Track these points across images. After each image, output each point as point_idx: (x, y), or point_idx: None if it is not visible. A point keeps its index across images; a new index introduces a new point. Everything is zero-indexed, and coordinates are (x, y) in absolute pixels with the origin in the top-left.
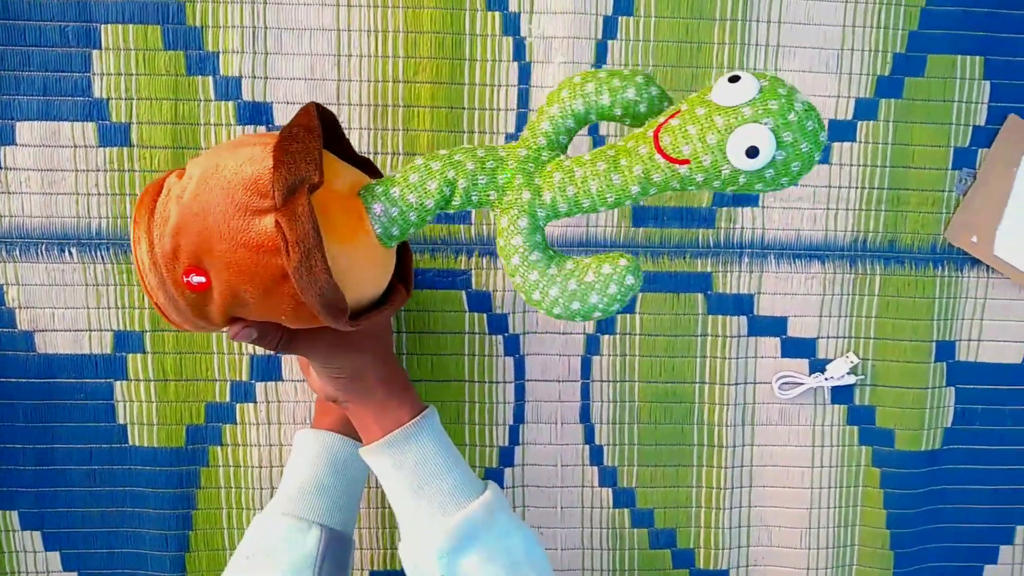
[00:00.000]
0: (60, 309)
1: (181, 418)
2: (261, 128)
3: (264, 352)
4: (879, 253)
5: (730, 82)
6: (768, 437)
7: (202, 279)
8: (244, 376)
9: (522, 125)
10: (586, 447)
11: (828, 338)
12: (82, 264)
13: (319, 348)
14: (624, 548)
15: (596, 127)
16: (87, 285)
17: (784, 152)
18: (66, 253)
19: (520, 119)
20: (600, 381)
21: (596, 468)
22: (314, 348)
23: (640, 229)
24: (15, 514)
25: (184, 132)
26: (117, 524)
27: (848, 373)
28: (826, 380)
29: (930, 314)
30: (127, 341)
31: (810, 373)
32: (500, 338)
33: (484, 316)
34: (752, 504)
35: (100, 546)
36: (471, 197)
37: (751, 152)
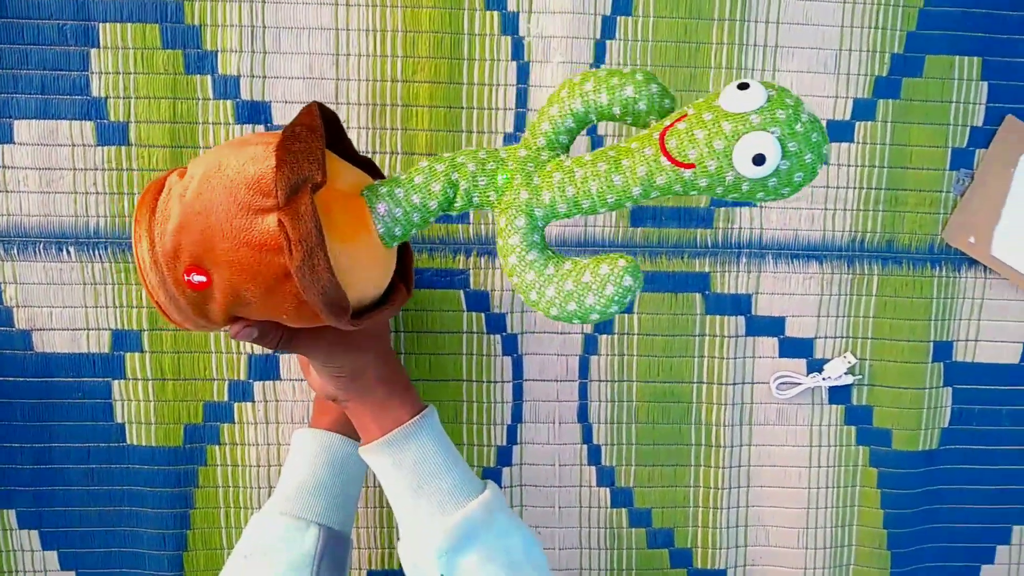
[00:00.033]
0: (58, 308)
1: (179, 417)
2: (259, 127)
3: (262, 351)
4: (877, 253)
5: (739, 89)
6: (766, 437)
7: (203, 278)
8: (242, 375)
9: (521, 124)
10: (584, 447)
11: (826, 338)
12: (80, 263)
13: (320, 347)
14: (622, 548)
15: (595, 128)
16: (85, 284)
17: (788, 162)
18: (64, 252)
19: (519, 118)
20: (598, 381)
21: (594, 468)
22: (315, 347)
23: (638, 229)
24: (12, 513)
25: (182, 131)
26: (115, 523)
27: (846, 373)
28: (824, 380)
29: (927, 314)
30: (125, 340)
31: (808, 373)
32: (498, 337)
33: (482, 315)
34: (750, 504)
35: (98, 545)
36: (472, 199)
37: (757, 160)
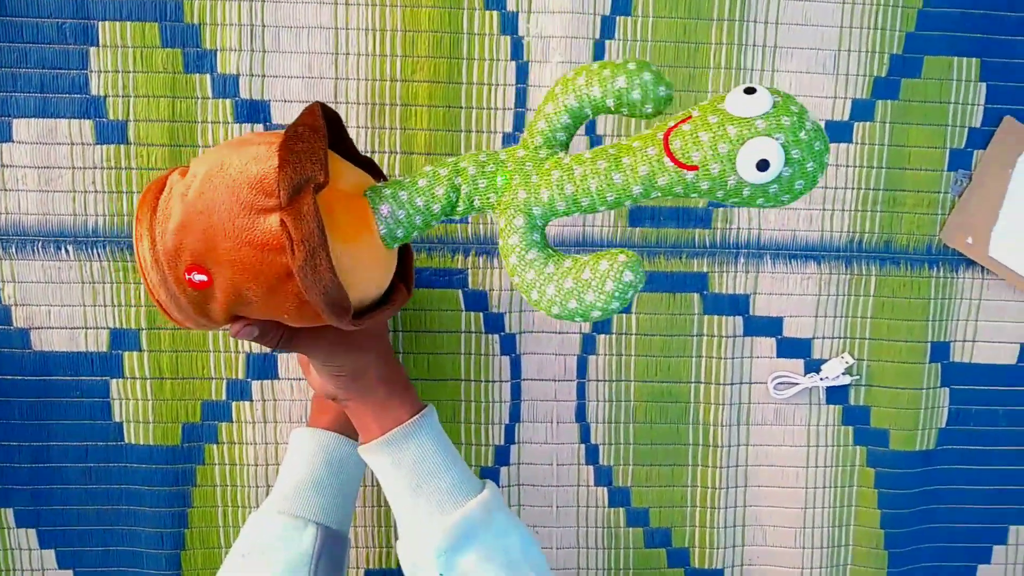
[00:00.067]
0: (56, 306)
1: (177, 416)
2: (258, 126)
3: (260, 350)
4: (875, 254)
5: (746, 93)
6: (763, 437)
7: (204, 277)
8: (240, 374)
9: (520, 124)
10: (582, 446)
11: (823, 338)
12: (78, 262)
13: (321, 347)
14: (619, 547)
15: (593, 127)
16: (83, 283)
17: (791, 169)
18: (62, 250)
19: (518, 118)
20: (596, 380)
21: (592, 467)
22: (316, 346)
23: (636, 229)
24: (10, 511)
25: (181, 130)
26: (113, 522)
27: (843, 373)
28: (821, 380)
29: (925, 315)
30: (123, 339)
31: (805, 373)
32: (496, 337)
33: (480, 315)
34: (747, 504)
35: (95, 544)
36: (473, 202)
37: (761, 165)
